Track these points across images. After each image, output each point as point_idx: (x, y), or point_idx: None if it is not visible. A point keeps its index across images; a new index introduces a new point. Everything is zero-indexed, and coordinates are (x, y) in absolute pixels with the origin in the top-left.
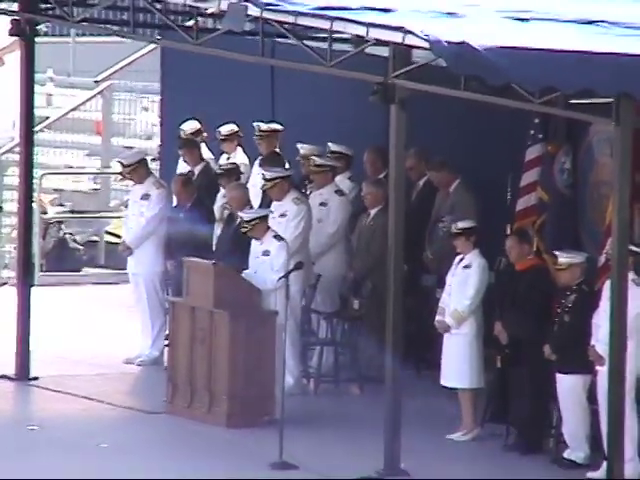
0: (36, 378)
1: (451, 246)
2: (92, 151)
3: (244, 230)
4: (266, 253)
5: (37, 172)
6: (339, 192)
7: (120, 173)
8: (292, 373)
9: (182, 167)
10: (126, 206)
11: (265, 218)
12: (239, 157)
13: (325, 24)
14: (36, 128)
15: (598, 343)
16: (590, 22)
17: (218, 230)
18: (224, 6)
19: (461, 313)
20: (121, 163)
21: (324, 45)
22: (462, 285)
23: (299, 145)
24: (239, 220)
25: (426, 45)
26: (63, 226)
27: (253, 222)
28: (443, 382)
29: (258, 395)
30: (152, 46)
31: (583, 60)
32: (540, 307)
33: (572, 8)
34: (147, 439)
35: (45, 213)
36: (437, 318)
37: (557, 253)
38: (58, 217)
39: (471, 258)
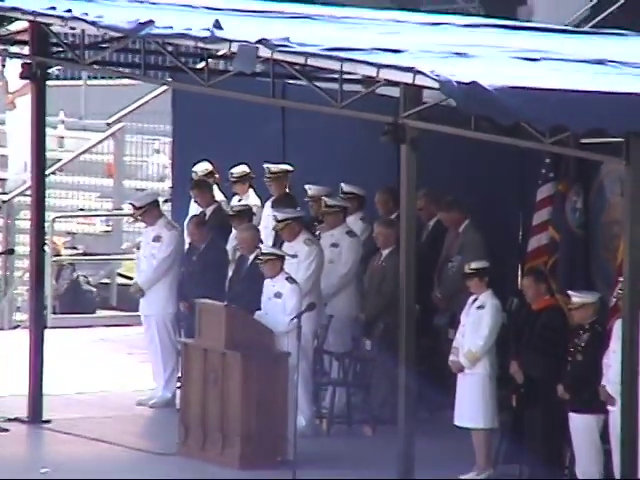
0: (49, 421)
1: (460, 285)
2: (104, 193)
3: (258, 262)
4: (278, 295)
5: (49, 215)
6: (350, 233)
7: (132, 215)
8: (304, 414)
9: (194, 208)
10: (138, 248)
11: (281, 258)
12: (251, 198)
13: (335, 65)
14: (48, 171)
15: (609, 383)
16: (600, 62)
17: (230, 271)
18: (235, 48)
19: (475, 353)
20: (133, 205)
21: (335, 86)
22: (476, 325)
23: (307, 186)
24: (250, 261)
25: (436, 85)
26: (76, 268)
27: (268, 257)
28: (457, 422)
29: (271, 436)
30: (163, 88)
31: (593, 100)
32: (556, 347)
33: (581, 48)
34: None
35: (58, 255)
36: (451, 358)
37: (570, 293)
38: (70, 259)
39: (484, 298)
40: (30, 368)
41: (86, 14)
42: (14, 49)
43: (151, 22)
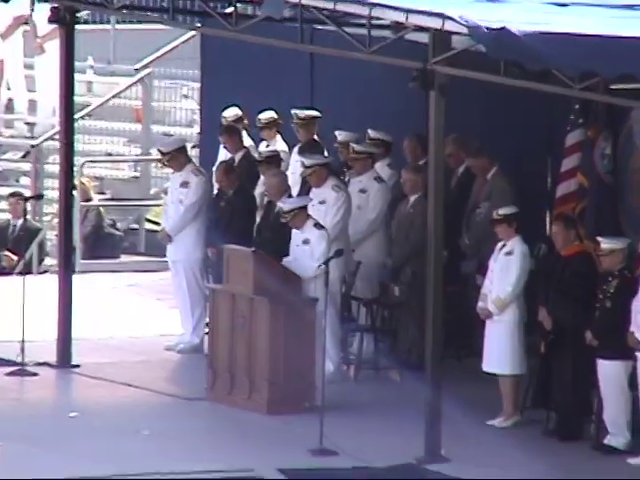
0: (77, 365)
1: (488, 232)
2: (132, 138)
3: (284, 220)
4: (306, 242)
5: (77, 159)
6: (378, 179)
7: (159, 160)
8: (332, 360)
9: (223, 154)
10: (166, 193)
11: (304, 208)
12: (278, 144)
13: (364, 10)
14: (76, 115)
15: (638, 329)
16: (630, 7)
17: (258, 217)
18: None
19: (503, 300)
20: (160, 151)
21: (363, 31)
22: (504, 272)
23: (337, 132)
24: (278, 208)
25: (465, 31)
26: (102, 209)
27: (293, 212)
28: (485, 368)
29: (298, 382)
30: (192, 33)
31: (623, 45)
32: (586, 293)
33: None
34: (188, 426)
35: (88, 200)
36: (479, 304)
37: (599, 239)
38: (99, 204)
39: (513, 244)
40: (59, 313)
41: None
42: None
43: None
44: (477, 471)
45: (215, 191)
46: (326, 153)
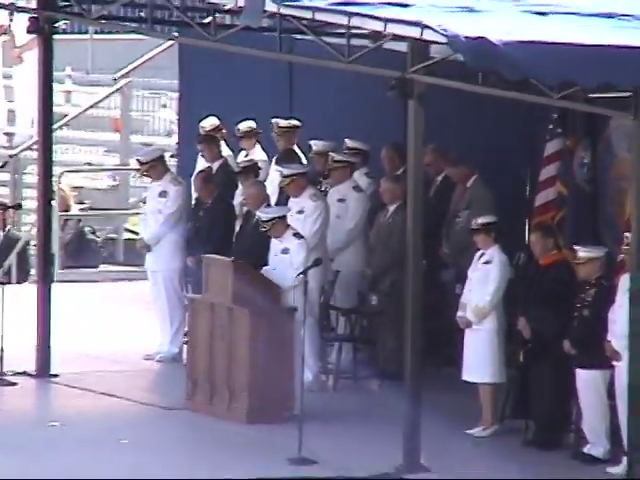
0: (56, 375)
1: (468, 241)
2: (111, 148)
3: (263, 229)
4: (285, 251)
5: (56, 170)
6: (357, 188)
7: (138, 170)
8: (311, 369)
9: (201, 164)
10: (144, 203)
11: (284, 217)
12: (257, 154)
13: (343, 20)
14: (55, 126)
15: (614, 338)
16: (609, 16)
17: (237, 227)
18: (242, 2)
19: (482, 309)
20: (139, 160)
21: (342, 41)
22: (483, 281)
23: (312, 142)
24: (257, 217)
25: (444, 40)
26: (82, 224)
27: (272, 221)
28: (465, 377)
29: (277, 391)
30: (170, 43)
31: (602, 54)
32: (564, 302)
33: (591, 2)
34: (167, 435)
35: (66, 211)
36: (458, 314)
37: (576, 247)
38: (77, 214)
39: (492, 254)
40: (38, 322)
41: None
42: (21, 3)
43: None
44: None
45: (194, 200)
46: (304, 162)
